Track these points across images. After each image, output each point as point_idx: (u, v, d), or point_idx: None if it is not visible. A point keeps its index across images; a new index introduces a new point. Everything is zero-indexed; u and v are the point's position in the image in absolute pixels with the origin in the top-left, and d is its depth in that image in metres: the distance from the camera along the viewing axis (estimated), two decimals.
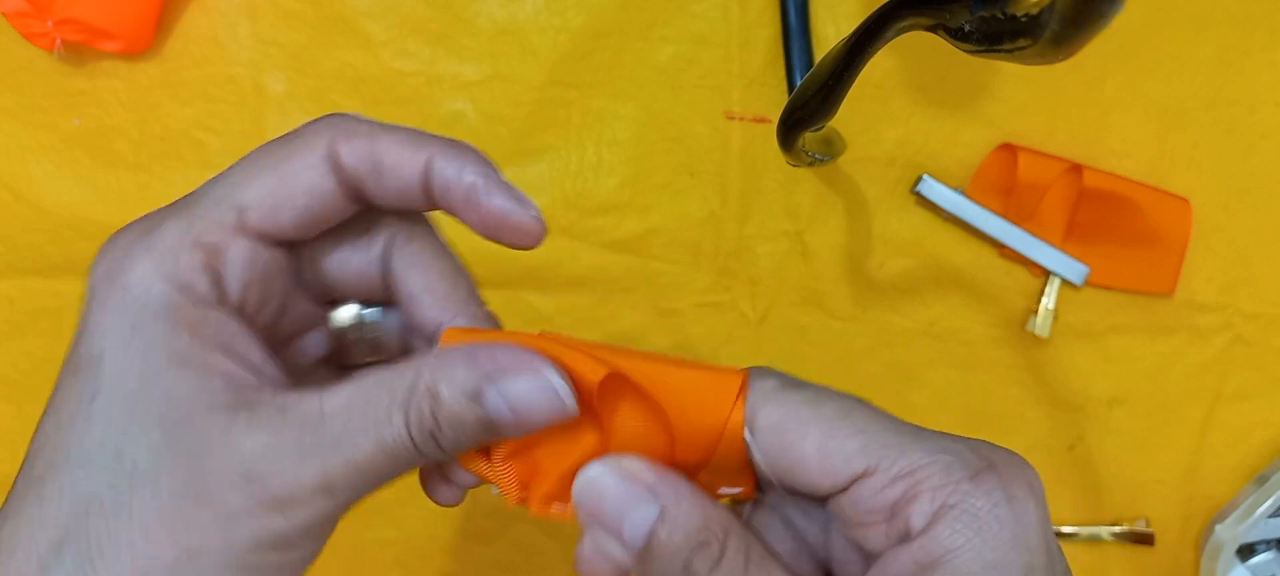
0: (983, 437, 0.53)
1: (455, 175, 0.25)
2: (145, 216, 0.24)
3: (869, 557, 0.23)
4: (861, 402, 0.24)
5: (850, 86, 0.34)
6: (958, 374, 0.49)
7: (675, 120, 0.48)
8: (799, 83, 0.45)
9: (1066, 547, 0.49)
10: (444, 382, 0.23)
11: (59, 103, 0.47)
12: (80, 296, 0.50)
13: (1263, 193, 0.48)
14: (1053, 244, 0.47)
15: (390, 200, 0.26)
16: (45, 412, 0.23)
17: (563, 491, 0.25)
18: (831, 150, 0.45)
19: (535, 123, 0.48)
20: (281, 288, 0.26)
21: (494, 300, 0.48)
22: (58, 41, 0.45)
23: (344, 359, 0.29)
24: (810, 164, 0.46)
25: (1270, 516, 0.46)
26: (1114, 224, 0.47)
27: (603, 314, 0.48)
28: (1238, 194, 0.48)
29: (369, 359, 0.29)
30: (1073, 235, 0.48)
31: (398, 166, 0.25)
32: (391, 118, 0.47)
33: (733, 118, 0.48)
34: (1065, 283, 0.47)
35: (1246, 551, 0.48)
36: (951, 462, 0.22)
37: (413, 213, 0.28)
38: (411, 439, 0.23)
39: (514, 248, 0.27)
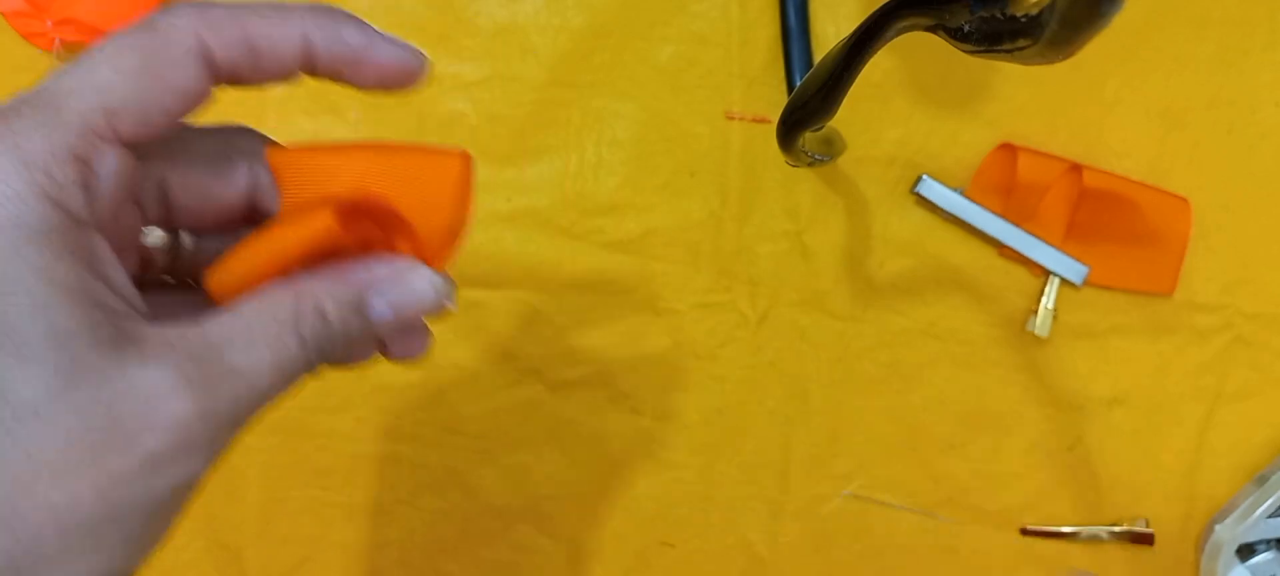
0: (983, 437, 0.53)
1: (337, 40, 0.25)
2: None
3: None
4: None
5: (850, 86, 0.34)
6: (958, 374, 0.49)
7: (675, 120, 0.48)
8: (799, 83, 0.45)
9: (1066, 547, 0.49)
10: (329, 300, 0.24)
11: None
12: None
13: (1263, 193, 0.48)
14: (1052, 244, 0.47)
15: (265, 81, 0.25)
16: None
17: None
18: (831, 150, 0.45)
19: (535, 123, 0.48)
20: (127, 198, 0.24)
21: (493, 300, 0.48)
22: (57, 41, 0.45)
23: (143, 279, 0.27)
24: (810, 164, 0.46)
25: (1270, 516, 0.46)
26: (1114, 224, 0.47)
27: (603, 314, 0.48)
28: (1238, 194, 0.48)
29: (168, 281, 0.28)
30: (1073, 235, 0.48)
31: (273, 46, 0.24)
32: (391, 117, 0.48)
33: (733, 118, 0.48)
34: (1065, 282, 0.47)
35: (1246, 551, 0.48)
36: None
37: (264, 137, 0.27)
38: (304, 357, 0.24)
39: (399, 93, 0.27)
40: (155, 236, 0.26)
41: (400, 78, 0.26)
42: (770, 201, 0.48)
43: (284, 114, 0.47)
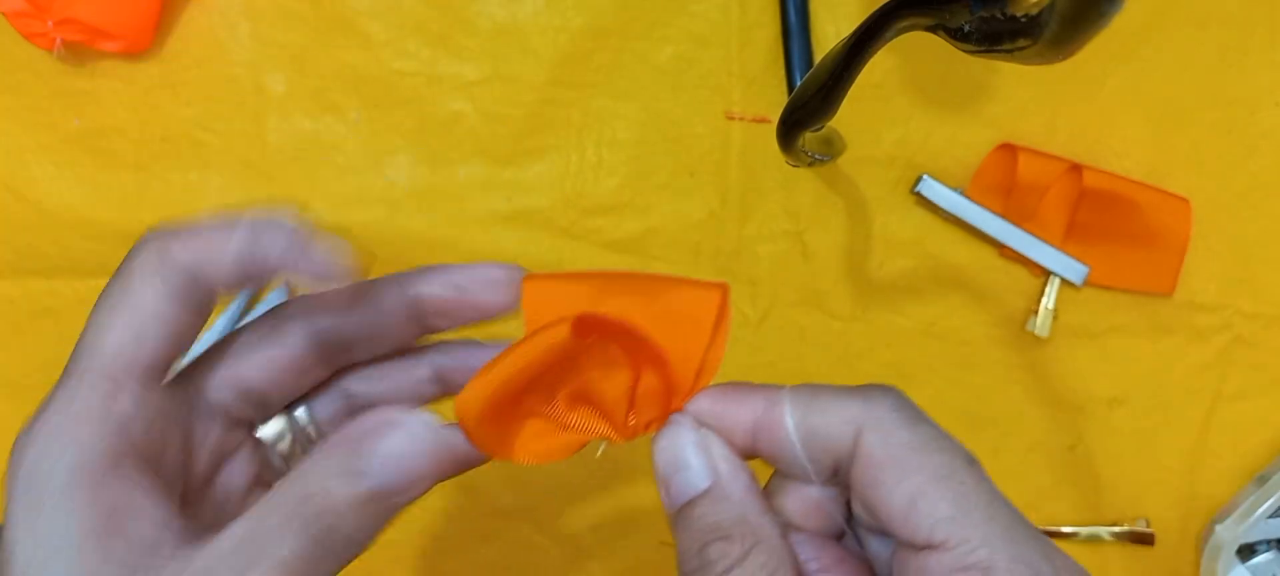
0: (983, 438, 0.53)
1: (270, 243, 0.25)
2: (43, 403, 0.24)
3: None
4: (971, 465, 0.23)
5: (850, 86, 0.34)
6: (958, 374, 0.49)
7: (675, 120, 0.48)
8: (799, 83, 0.45)
9: (1066, 547, 0.49)
10: (322, 478, 0.23)
11: (59, 103, 0.47)
12: (80, 297, 0.50)
13: (1263, 193, 0.48)
14: (1053, 244, 0.47)
15: (234, 284, 0.26)
16: None
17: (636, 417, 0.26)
18: (831, 150, 0.45)
19: (535, 123, 0.48)
20: (181, 425, 0.26)
21: None
22: (58, 41, 0.45)
23: (277, 476, 0.29)
24: (810, 164, 0.46)
25: (1270, 516, 0.46)
26: (1114, 224, 0.47)
27: None
28: (1238, 194, 0.48)
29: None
30: (1073, 235, 0.48)
31: (216, 256, 0.25)
32: (392, 118, 0.48)
33: (733, 118, 0.48)
34: (1065, 283, 0.47)
35: (1247, 551, 0.48)
36: (1025, 574, 0.21)
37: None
38: (312, 548, 0.23)
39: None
40: (269, 430, 0.28)
41: (334, 275, 0.25)
42: (770, 201, 0.48)
43: (284, 113, 0.47)
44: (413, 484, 0.24)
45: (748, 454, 0.25)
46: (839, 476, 0.24)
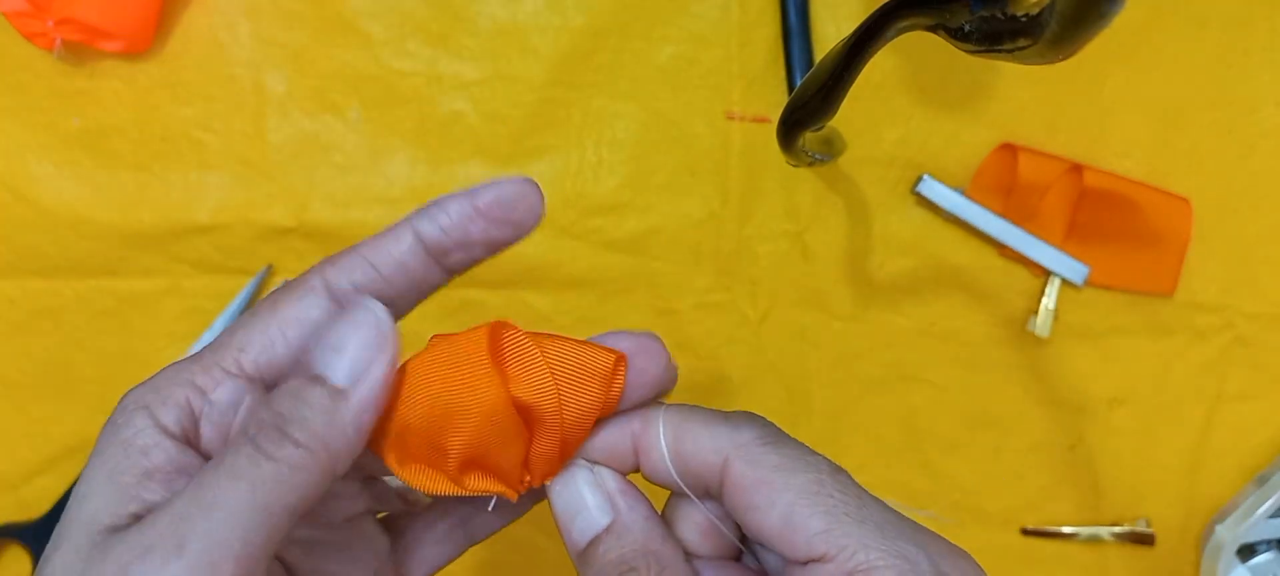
0: (983, 438, 0.53)
1: (444, 221, 0.26)
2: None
3: None
4: (835, 475, 0.24)
5: (850, 86, 0.34)
6: (958, 374, 0.49)
7: (675, 120, 0.48)
8: (799, 83, 0.45)
9: (1066, 547, 0.49)
10: (278, 391, 0.23)
11: (59, 103, 0.47)
12: (80, 297, 0.50)
13: (1263, 193, 0.48)
14: (1053, 244, 0.47)
15: (402, 291, 0.26)
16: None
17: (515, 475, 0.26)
18: (831, 150, 0.45)
19: (535, 123, 0.48)
20: None
21: (494, 300, 0.48)
22: (58, 41, 0.45)
23: (396, 514, 0.30)
24: (810, 164, 0.46)
25: (1271, 516, 0.46)
26: (1114, 224, 0.47)
27: (603, 314, 0.48)
28: (1238, 194, 0.48)
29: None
30: (1073, 235, 0.48)
31: (391, 258, 0.26)
32: (391, 118, 0.48)
33: (733, 118, 0.48)
34: (1066, 283, 0.47)
35: (1247, 551, 0.48)
36: (905, 571, 0.22)
37: None
38: (262, 453, 0.22)
39: (528, 228, 0.27)
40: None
41: (512, 206, 0.26)
42: (770, 201, 0.48)
43: (284, 113, 0.47)
44: (357, 370, 0.23)
45: (634, 469, 0.26)
46: (716, 497, 0.25)
